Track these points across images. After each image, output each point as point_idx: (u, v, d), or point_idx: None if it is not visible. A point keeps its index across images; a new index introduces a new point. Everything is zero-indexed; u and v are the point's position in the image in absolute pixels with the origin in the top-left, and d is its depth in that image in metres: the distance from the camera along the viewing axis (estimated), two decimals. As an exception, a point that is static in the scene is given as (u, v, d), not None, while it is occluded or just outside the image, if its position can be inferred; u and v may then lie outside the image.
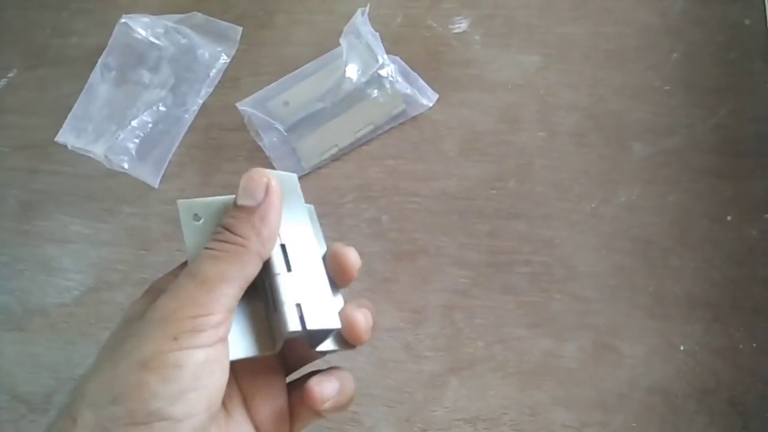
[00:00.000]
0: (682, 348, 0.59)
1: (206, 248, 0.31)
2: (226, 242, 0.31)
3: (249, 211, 0.32)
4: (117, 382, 0.27)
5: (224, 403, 0.33)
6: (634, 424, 0.57)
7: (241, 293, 0.31)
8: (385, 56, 0.68)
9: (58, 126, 0.71)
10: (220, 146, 0.70)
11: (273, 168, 0.67)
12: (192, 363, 0.28)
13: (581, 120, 0.67)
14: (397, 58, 0.70)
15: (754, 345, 0.58)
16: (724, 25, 0.69)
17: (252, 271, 0.31)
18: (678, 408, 0.57)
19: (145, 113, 0.69)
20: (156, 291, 0.31)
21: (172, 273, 0.34)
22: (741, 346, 0.58)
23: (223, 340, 0.30)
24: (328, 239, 0.38)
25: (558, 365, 0.59)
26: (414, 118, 0.69)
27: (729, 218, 0.62)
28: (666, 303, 0.60)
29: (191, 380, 0.27)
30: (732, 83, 0.67)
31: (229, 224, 0.31)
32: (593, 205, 0.64)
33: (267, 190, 0.32)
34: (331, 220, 0.66)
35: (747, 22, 0.69)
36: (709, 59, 0.68)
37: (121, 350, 0.28)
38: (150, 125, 0.70)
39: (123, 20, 0.72)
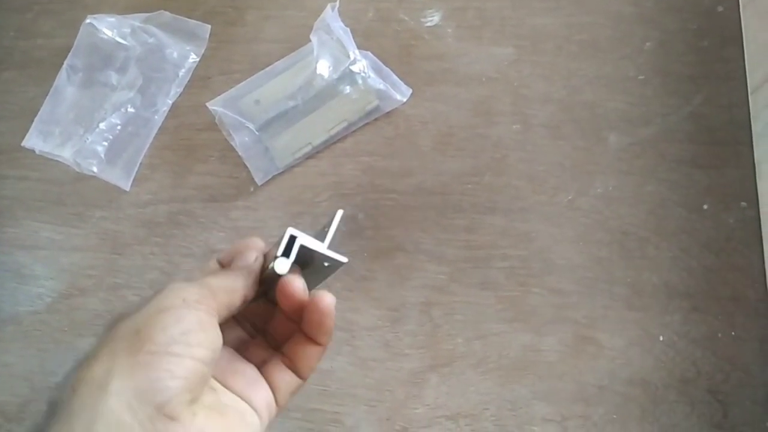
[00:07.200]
0: (661, 338, 0.59)
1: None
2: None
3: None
4: (138, 320, 0.34)
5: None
6: (615, 416, 0.57)
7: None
8: (357, 52, 0.68)
9: (25, 130, 0.70)
10: (192, 147, 0.69)
11: (246, 167, 0.66)
12: (195, 317, 0.34)
13: (556, 112, 0.67)
14: (369, 53, 0.69)
15: (733, 333, 0.58)
16: (697, 12, 0.69)
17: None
18: (658, 398, 0.57)
19: (114, 115, 0.68)
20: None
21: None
22: (720, 335, 0.58)
23: (214, 317, 0.36)
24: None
25: (538, 359, 0.59)
26: (388, 113, 0.68)
27: (705, 207, 0.62)
28: (644, 294, 0.60)
29: (195, 324, 0.34)
30: (706, 71, 0.67)
31: None
32: (569, 198, 0.64)
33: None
34: (307, 219, 0.65)
35: (720, 9, 0.69)
36: (683, 47, 0.68)
37: (140, 309, 0.35)
38: (119, 127, 0.68)
39: (88, 20, 0.70)
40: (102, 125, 0.68)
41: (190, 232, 0.66)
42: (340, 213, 0.42)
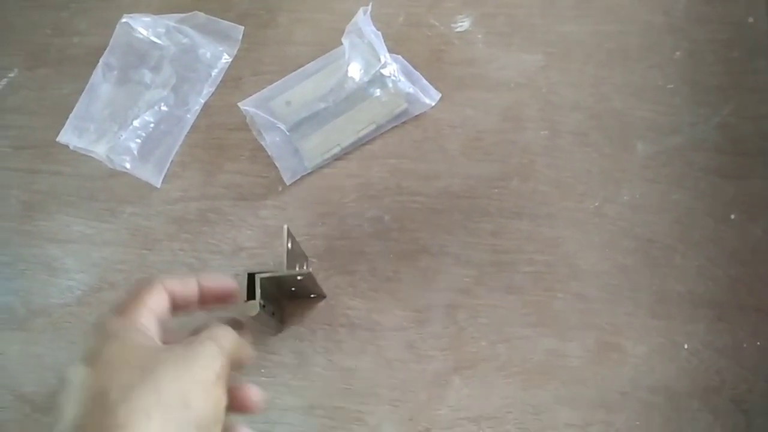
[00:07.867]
0: (685, 347, 0.59)
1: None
2: None
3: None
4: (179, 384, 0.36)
5: None
6: (637, 423, 0.57)
7: None
8: (388, 55, 0.68)
9: (60, 126, 0.71)
10: (223, 146, 0.70)
11: (275, 167, 0.67)
12: (223, 391, 0.38)
13: (584, 119, 0.67)
14: (400, 57, 0.70)
15: (758, 343, 0.58)
16: (727, 23, 0.69)
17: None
18: (681, 407, 0.57)
19: (147, 113, 0.69)
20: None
21: None
22: (744, 345, 0.58)
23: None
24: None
25: (562, 364, 0.59)
26: (416, 117, 0.69)
27: (732, 217, 0.62)
28: (669, 302, 0.60)
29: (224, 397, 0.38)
30: (735, 81, 0.67)
31: None
32: (596, 204, 0.64)
33: None
34: (334, 220, 0.66)
35: (750, 20, 0.69)
36: (712, 57, 0.68)
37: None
38: (152, 125, 0.70)
39: (124, 20, 0.72)
40: (136, 122, 0.69)
41: (219, 229, 0.67)
42: (284, 228, 0.43)
